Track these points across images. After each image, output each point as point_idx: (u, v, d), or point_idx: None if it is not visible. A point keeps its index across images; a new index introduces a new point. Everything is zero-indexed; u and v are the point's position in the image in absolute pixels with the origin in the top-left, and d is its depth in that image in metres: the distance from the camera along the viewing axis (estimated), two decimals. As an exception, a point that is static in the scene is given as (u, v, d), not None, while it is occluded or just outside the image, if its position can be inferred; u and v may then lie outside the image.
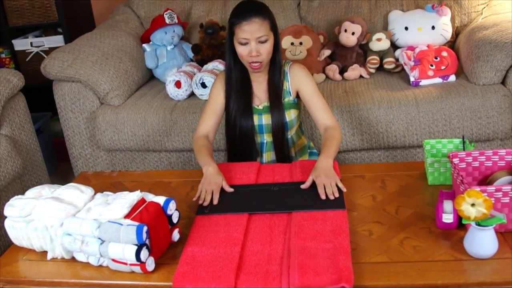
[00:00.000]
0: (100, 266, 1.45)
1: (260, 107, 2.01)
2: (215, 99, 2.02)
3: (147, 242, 1.39)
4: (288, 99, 2.01)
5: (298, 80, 2.00)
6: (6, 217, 1.56)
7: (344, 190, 1.65)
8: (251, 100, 2.01)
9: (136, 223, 1.37)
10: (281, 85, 1.99)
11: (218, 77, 2.06)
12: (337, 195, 1.62)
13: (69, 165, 2.89)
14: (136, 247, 1.36)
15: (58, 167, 3.30)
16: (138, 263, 1.37)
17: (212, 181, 1.72)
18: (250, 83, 2.01)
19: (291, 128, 2.04)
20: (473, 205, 1.29)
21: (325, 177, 1.66)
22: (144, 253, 1.36)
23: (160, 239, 1.44)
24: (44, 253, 1.53)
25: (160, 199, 1.50)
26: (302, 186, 1.69)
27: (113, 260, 1.40)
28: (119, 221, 1.39)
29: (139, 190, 1.52)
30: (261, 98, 2.02)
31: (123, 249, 1.36)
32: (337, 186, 1.65)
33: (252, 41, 1.85)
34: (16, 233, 1.54)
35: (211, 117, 2.01)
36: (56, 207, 1.48)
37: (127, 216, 1.41)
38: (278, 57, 1.97)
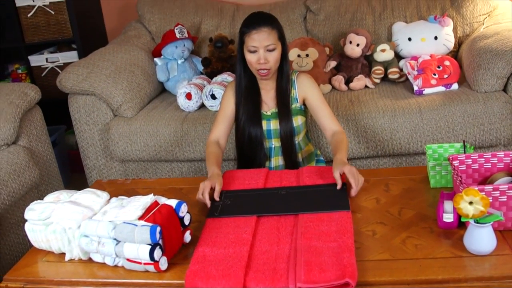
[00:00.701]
0: (116, 266, 1.52)
1: (269, 113, 2.10)
2: (226, 106, 2.12)
3: (160, 242, 1.45)
4: (295, 105, 2.10)
5: (305, 88, 2.10)
6: (26, 220, 1.63)
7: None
8: (259, 107, 2.10)
9: (150, 224, 1.44)
10: (289, 92, 2.09)
11: (228, 86, 2.16)
12: (355, 191, 1.73)
13: (83, 177, 2.97)
14: (150, 247, 1.42)
15: (73, 178, 3.39)
16: (152, 262, 1.43)
17: (207, 181, 1.81)
18: (259, 90, 2.11)
19: (298, 134, 2.12)
20: (471, 203, 1.35)
21: (351, 168, 1.75)
22: (157, 253, 1.43)
23: (173, 240, 1.51)
24: (62, 254, 1.61)
25: (173, 202, 1.57)
26: (338, 187, 1.74)
27: (128, 259, 1.47)
28: (134, 222, 1.46)
29: (152, 194, 1.60)
30: (269, 105, 2.11)
31: (137, 249, 1.43)
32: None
33: (260, 49, 1.95)
34: (36, 235, 1.61)
35: (222, 124, 2.11)
36: (74, 210, 1.56)
37: (141, 218, 1.48)
38: (286, 66, 2.07)
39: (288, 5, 3.23)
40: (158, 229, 1.43)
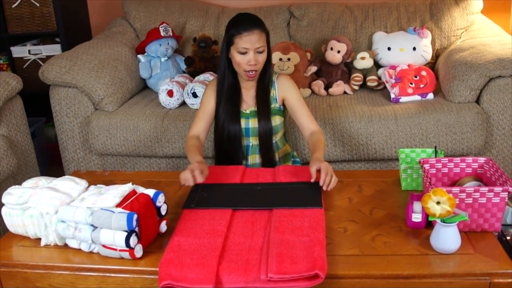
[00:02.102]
0: (91, 252, 1.54)
1: (248, 111, 2.14)
2: (206, 103, 2.16)
3: (137, 229, 1.48)
4: (274, 105, 2.15)
5: (284, 89, 2.16)
6: (3, 205, 1.64)
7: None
8: (239, 105, 2.14)
9: (127, 211, 1.47)
10: (269, 92, 2.13)
11: (209, 84, 2.20)
12: (332, 185, 1.75)
13: (60, 170, 2.97)
14: (126, 234, 1.45)
15: (50, 171, 3.38)
16: (127, 249, 1.46)
17: (196, 163, 1.84)
18: (240, 89, 2.15)
19: (276, 133, 2.17)
20: (438, 203, 1.41)
21: (327, 165, 1.78)
22: (133, 240, 1.46)
23: (149, 228, 1.54)
24: (38, 240, 1.62)
25: (150, 192, 1.60)
26: (312, 180, 1.79)
27: (104, 246, 1.50)
28: (111, 209, 1.49)
29: (130, 183, 1.63)
30: (249, 103, 2.15)
31: (113, 235, 1.46)
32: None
33: (251, 51, 2.00)
34: (12, 220, 1.62)
35: (202, 121, 2.15)
36: (52, 196, 1.58)
37: (118, 205, 1.51)
38: (269, 68, 2.13)
39: (273, 10, 3.29)
40: (135, 216, 1.46)
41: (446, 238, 1.43)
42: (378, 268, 1.40)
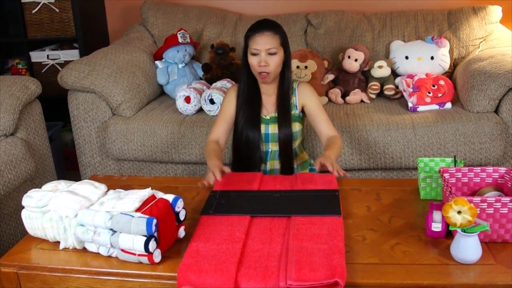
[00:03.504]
0: (109, 256, 1.54)
1: (268, 117, 2.16)
2: (226, 109, 2.18)
3: (156, 234, 1.48)
4: (294, 112, 2.16)
5: (304, 96, 2.17)
6: (23, 207, 1.66)
7: (346, 175, 1.85)
8: (259, 110, 2.15)
9: (147, 216, 1.47)
10: (289, 98, 2.15)
11: (230, 90, 2.23)
12: (342, 173, 1.83)
13: (76, 175, 2.99)
14: (145, 238, 1.45)
15: (66, 175, 3.39)
16: (146, 253, 1.46)
17: (217, 163, 1.89)
18: (260, 95, 2.17)
19: (295, 140, 2.17)
20: (459, 212, 1.40)
21: (333, 161, 1.86)
22: (152, 244, 1.46)
23: (167, 234, 1.54)
24: (57, 243, 1.62)
25: (169, 197, 1.60)
26: (316, 167, 1.88)
27: (123, 250, 1.50)
28: (131, 214, 1.49)
29: (150, 188, 1.63)
30: (269, 109, 2.17)
31: (132, 240, 1.46)
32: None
33: (262, 52, 2.03)
34: (32, 222, 1.63)
35: (221, 126, 2.17)
36: (72, 200, 1.59)
37: (138, 210, 1.51)
38: (288, 73, 2.14)
39: (290, 18, 3.30)
40: (155, 221, 1.46)
41: (467, 248, 1.41)
42: (398, 277, 1.39)
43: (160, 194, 1.63)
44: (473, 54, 2.98)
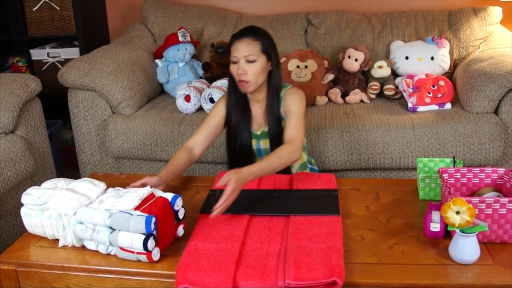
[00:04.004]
0: (108, 254, 1.55)
1: (258, 132, 2.09)
2: (213, 117, 2.09)
3: (154, 233, 1.49)
4: (283, 123, 2.06)
5: (287, 103, 2.02)
6: (22, 205, 1.66)
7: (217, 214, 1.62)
8: (249, 125, 2.09)
9: (146, 214, 1.48)
10: (278, 110, 2.04)
11: (221, 98, 2.14)
12: (219, 205, 1.60)
13: (76, 173, 2.99)
14: (144, 236, 1.45)
15: (66, 173, 3.40)
16: (145, 251, 1.46)
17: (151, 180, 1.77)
18: (249, 107, 2.09)
19: None
20: (457, 213, 1.40)
21: (236, 184, 1.63)
22: (151, 243, 1.46)
23: (166, 232, 1.54)
24: (56, 241, 1.63)
25: (168, 195, 1.60)
26: (218, 184, 1.66)
27: (121, 248, 1.50)
28: (130, 212, 1.50)
29: (149, 186, 1.63)
30: (260, 123, 2.10)
31: (131, 238, 1.46)
32: None
33: (240, 59, 1.93)
34: (31, 220, 1.63)
35: (203, 132, 2.07)
36: (71, 197, 1.59)
37: (137, 208, 1.52)
38: (275, 82, 2.03)
39: (290, 17, 3.30)
40: (154, 219, 1.46)
41: (465, 248, 1.42)
42: (396, 277, 1.39)
43: (159, 193, 1.63)
44: (473, 54, 2.98)
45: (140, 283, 1.48)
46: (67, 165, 3.45)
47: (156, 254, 1.49)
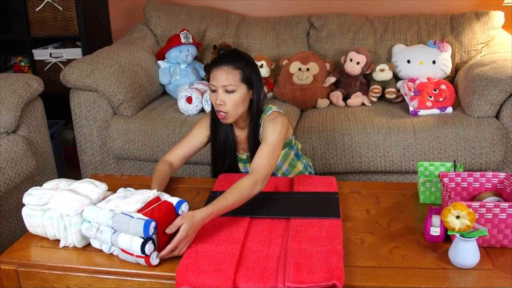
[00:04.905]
0: (111, 254, 1.55)
1: (244, 156, 2.06)
2: (196, 135, 2.04)
3: (154, 237, 1.48)
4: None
5: (264, 129, 1.91)
6: (23, 205, 1.66)
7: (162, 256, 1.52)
8: (235, 150, 2.05)
9: (146, 218, 1.47)
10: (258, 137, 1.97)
11: (206, 117, 2.07)
12: (165, 253, 1.51)
13: (77, 173, 3.00)
14: (142, 240, 1.45)
15: (67, 174, 3.41)
16: (143, 255, 1.46)
17: None
18: (233, 132, 2.02)
19: (279, 169, 2.09)
20: (458, 217, 1.40)
21: (189, 228, 1.52)
22: (149, 247, 1.45)
23: (167, 237, 1.54)
24: (57, 241, 1.63)
25: (174, 200, 1.60)
26: (167, 231, 1.51)
27: (122, 250, 1.50)
28: (131, 214, 1.50)
29: (156, 189, 1.64)
30: (244, 148, 2.05)
31: (131, 240, 1.46)
32: None
33: (219, 88, 1.84)
34: (32, 220, 1.64)
35: (183, 148, 2.02)
36: (72, 198, 1.59)
37: (140, 211, 1.51)
38: (257, 110, 1.93)
39: (293, 20, 3.31)
40: (153, 224, 1.46)
41: (465, 253, 1.42)
42: (396, 280, 1.39)
43: (165, 196, 1.63)
44: (474, 59, 2.99)
45: (140, 284, 1.48)
46: (69, 165, 3.46)
47: (154, 259, 1.48)
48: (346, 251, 1.52)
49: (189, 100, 2.76)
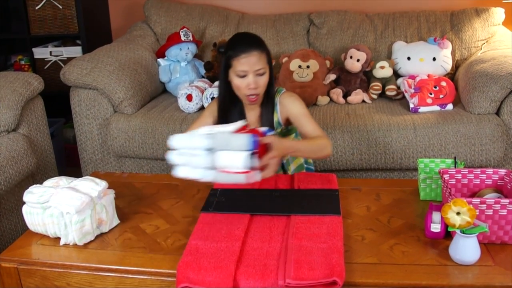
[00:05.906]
0: (111, 252, 1.55)
1: None
2: (205, 120, 2.07)
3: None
4: (278, 130, 2.06)
5: (286, 108, 2.02)
6: (24, 203, 1.66)
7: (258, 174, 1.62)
8: None
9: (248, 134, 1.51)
10: (273, 118, 2.04)
11: (211, 104, 2.12)
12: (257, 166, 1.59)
13: (77, 171, 3.00)
14: (247, 153, 1.48)
15: (68, 172, 3.40)
16: (247, 170, 1.48)
17: None
18: (244, 114, 2.06)
19: (285, 155, 2.09)
20: (458, 213, 1.40)
21: (278, 151, 1.67)
22: (253, 160, 1.49)
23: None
24: (57, 239, 1.63)
25: (263, 128, 1.68)
26: (264, 139, 1.64)
27: (220, 171, 1.52)
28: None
29: (244, 120, 1.72)
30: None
31: (233, 156, 1.48)
32: None
33: (250, 73, 1.89)
34: (33, 218, 1.64)
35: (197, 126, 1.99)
36: (73, 196, 1.59)
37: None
38: (272, 90, 2.02)
39: (293, 17, 3.31)
40: (256, 138, 1.49)
41: (466, 249, 1.42)
42: (396, 277, 1.39)
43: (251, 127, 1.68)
44: (475, 55, 2.98)
45: (141, 282, 1.49)
46: (69, 163, 3.46)
47: (258, 174, 1.51)
48: (346, 248, 1.52)
49: (189, 98, 2.76)
